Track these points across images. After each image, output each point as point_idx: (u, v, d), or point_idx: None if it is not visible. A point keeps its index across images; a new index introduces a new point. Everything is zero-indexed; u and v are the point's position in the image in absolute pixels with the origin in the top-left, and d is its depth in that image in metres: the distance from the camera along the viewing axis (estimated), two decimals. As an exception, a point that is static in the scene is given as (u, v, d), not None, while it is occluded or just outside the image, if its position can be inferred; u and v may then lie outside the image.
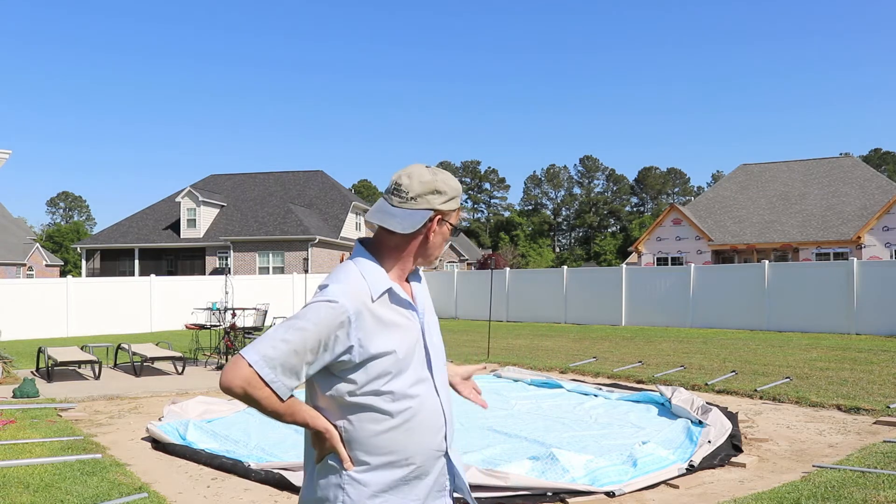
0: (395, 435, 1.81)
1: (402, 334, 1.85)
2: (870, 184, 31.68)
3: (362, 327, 1.77)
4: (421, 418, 1.84)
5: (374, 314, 1.80)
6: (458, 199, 1.94)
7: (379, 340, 1.79)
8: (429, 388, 1.88)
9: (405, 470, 1.83)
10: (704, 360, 12.11)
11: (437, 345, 1.98)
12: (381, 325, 1.80)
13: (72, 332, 19.91)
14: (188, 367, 12.14)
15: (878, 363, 11.27)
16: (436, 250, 1.93)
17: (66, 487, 5.06)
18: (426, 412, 1.85)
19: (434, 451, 1.87)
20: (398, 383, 1.81)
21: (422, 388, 1.86)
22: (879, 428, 7.02)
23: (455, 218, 1.96)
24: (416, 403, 1.84)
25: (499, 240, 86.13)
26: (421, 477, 1.86)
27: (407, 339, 1.86)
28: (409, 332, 1.87)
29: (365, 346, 1.77)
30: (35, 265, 50.51)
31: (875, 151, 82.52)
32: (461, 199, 1.96)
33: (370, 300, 1.80)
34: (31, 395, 9.06)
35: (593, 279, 22.07)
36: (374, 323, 1.79)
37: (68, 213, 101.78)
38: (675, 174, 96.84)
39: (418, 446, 1.84)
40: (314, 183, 38.53)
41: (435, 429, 1.87)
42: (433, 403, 1.88)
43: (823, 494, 4.68)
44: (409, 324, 1.88)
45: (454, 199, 1.93)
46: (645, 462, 5.50)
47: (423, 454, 1.85)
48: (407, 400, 1.82)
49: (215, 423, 7.42)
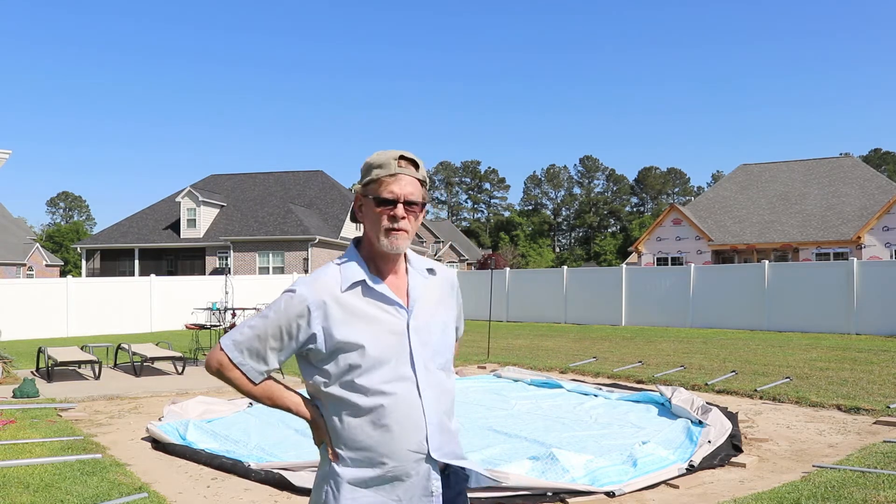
0: (369, 431, 1.80)
1: (376, 328, 1.82)
2: (870, 184, 31.67)
3: (328, 316, 1.81)
4: (396, 417, 1.79)
5: (341, 304, 1.82)
6: (382, 170, 1.85)
7: (345, 330, 1.81)
8: (408, 387, 1.82)
9: (380, 469, 1.81)
10: (704, 360, 12.10)
11: (432, 344, 1.89)
12: (350, 315, 1.82)
13: (72, 332, 19.91)
14: (188, 367, 12.13)
15: (878, 363, 11.27)
16: (372, 229, 1.87)
17: (66, 487, 5.06)
18: (401, 412, 1.80)
19: (410, 453, 1.81)
20: (370, 378, 1.80)
21: (399, 386, 1.81)
22: (879, 428, 7.02)
23: (378, 189, 1.85)
24: (390, 401, 1.80)
25: (499, 240, 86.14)
26: (401, 478, 1.82)
27: (381, 333, 1.83)
28: (384, 326, 1.84)
29: (330, 335, 1.81)
30: (35, 265, 50.51)
31: (875, 151, 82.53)
32: (391, 167, 1.84)
33: (339, 291, 1.83)
34: (31, 395, 9.06)
35: (593, 279, 22.07)
36: (341, 312, 1.82)
37: (68, 213, 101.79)
38: (675, 174, 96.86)
39: (392, 445, 1.80)
40: (314, 183, 38.53)
41: (411, 429, 1.80)
42: (410, 403, 1.81)
43: (823, 494, 4.68)
44: (387, 318, 1.84)
45: (374, 170, 1.87)
46: (645, 462, 5.50)
47: (398, 454, 1.80)
48: (379, 396, 1.80)
49: (215, 423, 7.42)
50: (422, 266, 1.98)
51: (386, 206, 1.84)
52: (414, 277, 1.94)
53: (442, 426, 1.87)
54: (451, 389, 1.95)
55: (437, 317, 1.94)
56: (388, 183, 1.85)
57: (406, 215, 1.85)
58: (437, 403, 1.86)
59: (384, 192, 1.85)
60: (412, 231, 1.88)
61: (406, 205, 1.86)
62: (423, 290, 1.94)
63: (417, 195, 1.88)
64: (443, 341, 1.93)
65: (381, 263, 1.90)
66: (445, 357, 1.94)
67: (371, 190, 1.87)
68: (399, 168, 1.86)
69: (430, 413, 1.84)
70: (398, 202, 1.84)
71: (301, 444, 6.43)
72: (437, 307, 1.96)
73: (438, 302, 1.97)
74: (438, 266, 2.03)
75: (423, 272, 1.97)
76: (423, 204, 1.92)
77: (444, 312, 1.98)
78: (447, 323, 1.98)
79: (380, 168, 1.86)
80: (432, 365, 1.88)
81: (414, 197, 1.87)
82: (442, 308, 1.98)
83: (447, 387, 1.93)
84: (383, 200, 1.85)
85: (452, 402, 1.96)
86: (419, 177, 1.89)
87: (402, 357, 1.83)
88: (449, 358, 1.97)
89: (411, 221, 1.87)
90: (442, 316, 1.96)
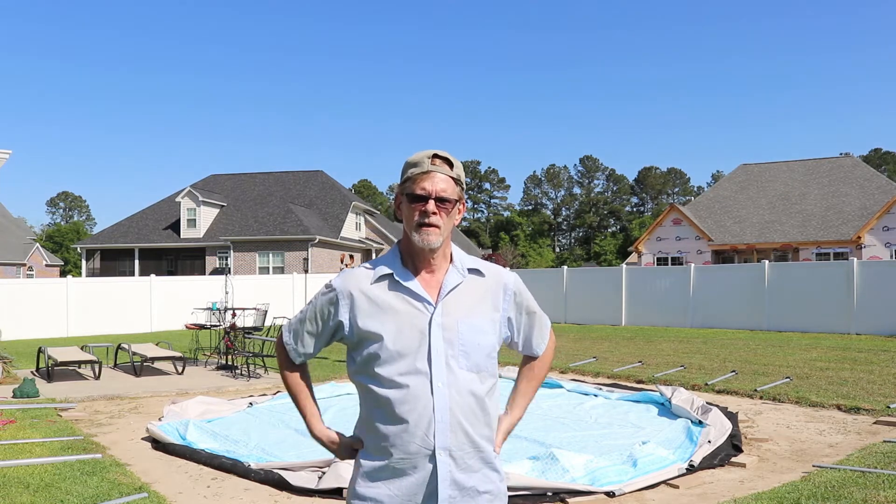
0: (382, 418, 1.87)
1: (398, 321, 1.87)
2: (870, 184, 31.68)
3: (355, 307, 1.93)
4: (406, 409, 1.83)
5: (368, 296, 1.92)
6: (417, 168, 1.92)
7: (370, 321, 1.90)
8: (422, 381, 1.84)
9: (388, 460, 1.86)
10: (704, 360, 12.11)
11: (459, 343, 1.87)
12: (376, 307, 1.91)
13: (72, 332, 19.91)
14: (188, 367, 12.13)
15: (878, 363, 11.27)
16: (407, 226, 1.93)
17: (66, 487, 5.06)
18: (410, 404, 1.83)
19: (416, 447, 1.83)
20: (388, 369, 1.86)
21: (413, 379, 1.84)
22: (879, 428, 7.02)
23: (412, 186, 1.91)
24: (402, 393, 1.84)
25: (499, 240, 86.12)
26: (407, 471, 1.85)
27: (404, 326, 1.87)
28: (407, 319, 1.87)
29: (356, 325, 1.92)
30: (35, 265, 50.51)
31: (875, 151, 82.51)
32: (424, 165, 1.91)
33: (367, 284, 1.94)
34: (31, 395, 9.06)
35: (593, 279, 22.08)
36: (367, 304, 1.92)
37: (68, 213, 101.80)
38: (675, 174, 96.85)
39: (400, 437, 1.84)
40: (314, 183, 38.54)
41: (418, 423, 1.82)
42: (421, 398, 1.83)
43: (823, 494, 4.68)
44: (411, 312, 1.88)
45: (410, 169, 1.93)
46: (645, 462, 5.50)
47: (404, 447, 1.84)
48: (393, 387, 1.85)
49: (215, 423, 7.42)
50: (464, 265, 1.98)
51: (418, 202, 1.90)
52: (452, 275, 1.94)
53: (456, 426, 1.85)
54: (478, 393, 1.90)
55: (472, 317, 1.92)
56: (421, 180, 1.90)
57: (437, 211, 1.89)
58: (451, 402, 1.84)
59: (417, 189, 1.90)
60: (444, 227, 1.91)
61: (438, 201, 1.89)
62: (459, 288, 1.94)
63: (450, 192, 1.91)
64: (474, 342, 1.90)
65: (417, 260, 1.94)
66: (477, 360, 1.90)
67: (407, 188, 1.93)
68: (432, 166, 1.91)
69: (440, 410, 1.83)
70: (430, 198, 1.89)
71: (301, 444, 6.43)
72: (475, 307, 1.94)
73: (477, 302, 1.95)
74: (489, 267, 2.01)
75: (464, 271, 1.96)
76: (457, 201, 1.95)
77: (482, 314, 1.95)
78: (484, 325, 1.94)
79: (415, 167, 1.92)
80: (456, 364, 1.87)
81: (446, 194, 1.90)
82: (481, 309, 1.95)
83: (473, 389, 1.88)
84: (416, 197, 1.90)
85: (480, 406, 1.90)
86: (453, 175, 1.93)
87: (421, 351, 1.86)
88: (483, 363, 1.92)
89: (443, 218, 1.90)
90: (478, 317, 1.93)
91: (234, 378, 10.97)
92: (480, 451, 1.90)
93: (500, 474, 1.97)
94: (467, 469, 1.88)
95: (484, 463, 1.92)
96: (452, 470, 1.86)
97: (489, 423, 1.93)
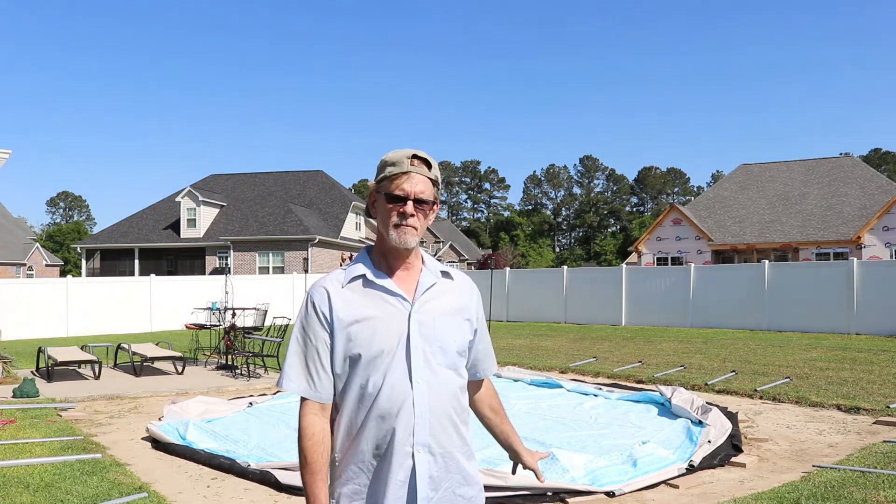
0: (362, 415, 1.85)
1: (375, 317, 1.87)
2: (870, 184, 31.67)
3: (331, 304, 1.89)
4: (385, 405, 1.82)
5: (342, 298, 1.90)
6: (395, 167, 1.89)
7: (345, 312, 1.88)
8: (401, 377, 1.83)
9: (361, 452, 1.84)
10: (704, 360, 12.10)
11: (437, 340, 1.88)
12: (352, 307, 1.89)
13: (72, 331, 19.91)
14: (188, 367, 12.13)
15: (878, 363, 11.27)
16: (383, 225, 1.91)
17: (66, 487, 5.06)
18: (390, 400, 1.82)
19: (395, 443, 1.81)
20: (367, 366, 1.85)
21: (392, 375, 1.83)
22: (879, 428, 7.02)
23: (390, 186, 1.89)
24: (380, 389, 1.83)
25: (499, 240, 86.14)
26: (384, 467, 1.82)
27: (380, 323, 1.86)
28: (384, 316, 1.87)
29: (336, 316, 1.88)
30: (35, 265, 50.51)
31: (875, 151, 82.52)
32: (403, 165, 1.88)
33: (340, 287, 1.91)
34: (31, 395, 9.06)
35: (593, 279, 22.06)
36: (343, 304, 1.89)
37: (68, 213, 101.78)
38: (675, 174, 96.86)
39: (376, 427, 1.83)
40: (314, 183, 38.53)
41: (396, 419, 1.81)
42: (400, 393, 1.82)
43: (823, 494, 4.68)
44: (387, 308, 1.88)
45: (387, 168, 1.91)
46: (645, 462, 5.50)
47: (378, 437, 1.83)
48: (371, 384, 1.84)
49: (215, 423, 7.42)
50: (436, 268, 1.99)
51: (396, 202, 1.88)
52: (426, 275, 1.96)
53: (435, 424, 1.85)
54: (455, 390, 1.92)
55: (447, 316, 1.94)
56: (400, 180, 1.88)
57: (415, 213, 1.89)
58: (432, 399, 1.85)
59: (395, 189, 1.89)
60: (421, 228, 1.91)
61: (416, 203, 1.89)
62: (435, 288, 1.95)
63: (428, 194, 1.91)
64: (451, 340, 1.92)
65: (392, 259, 1.94)
66: (454, 358, 1.93)
67: (384, 187, 1.91)
68: (411, 167, 1.89)
69: (420, 406, 1.83)
70: (408, 199, 1.88)
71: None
72: (449, 307, 1.96)
73: (450, 304, 1.97)
74: (456, 272, 2.05)
75: (437, 273, 1.98)
76: (434, 203, 1.95)
77: (456, 314, 1.97)
78: (460, 324, 1.96)
79: (393, 166, 1.90)
80: (435, 361, 1.88)
81: (424, 195, 1.90)
82: (454, 310, 1.97)
83: (450, 385, 1.91)
84: (394, 197, 1.89)
85: (458, 402, 1.92)
86: (431, 176, 1.92)
87: (399, 348, 1.86)
88: (457, 361, 1.94)
89: (420, 219, 1.90)
90: (454, 317, 1.95)
91: (234, 378, 10.97)
92: (460, 446, 1.91)
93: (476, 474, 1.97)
94: (444, 467, 1.87)
95: (466, 458, 1.92)
96: (430, 467, 1.85)
97: (465, 420, 1.96)
